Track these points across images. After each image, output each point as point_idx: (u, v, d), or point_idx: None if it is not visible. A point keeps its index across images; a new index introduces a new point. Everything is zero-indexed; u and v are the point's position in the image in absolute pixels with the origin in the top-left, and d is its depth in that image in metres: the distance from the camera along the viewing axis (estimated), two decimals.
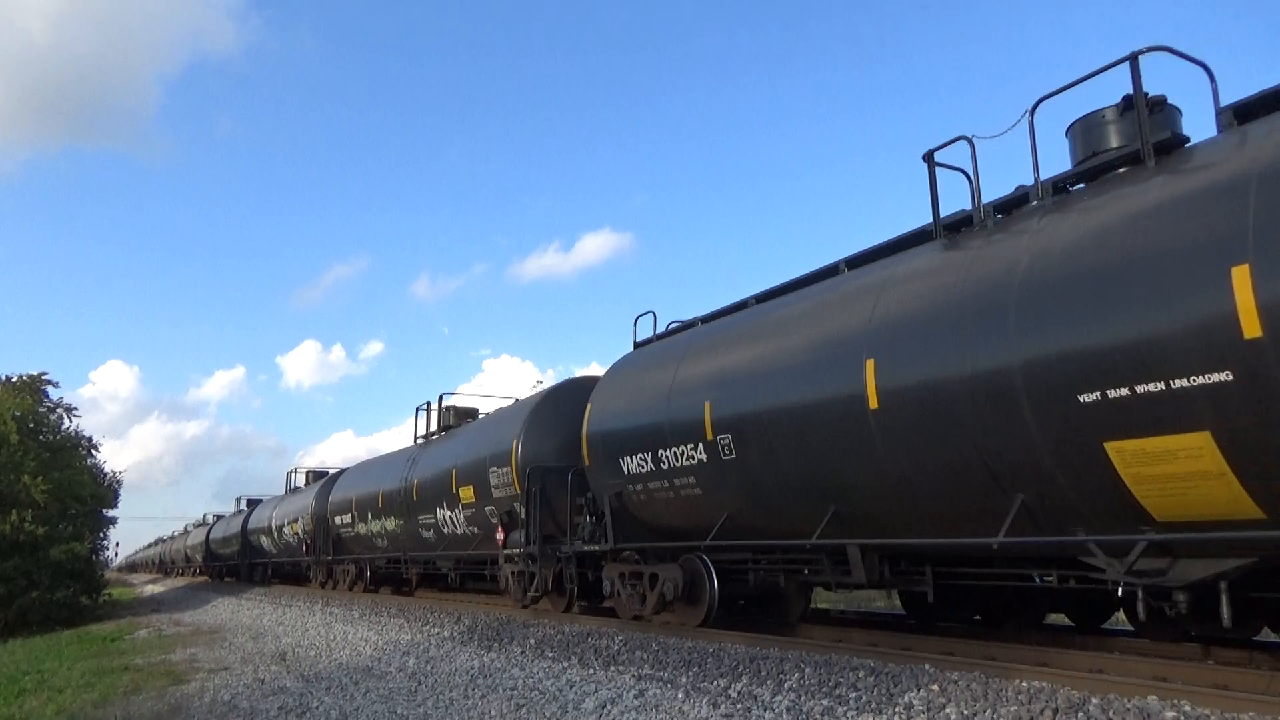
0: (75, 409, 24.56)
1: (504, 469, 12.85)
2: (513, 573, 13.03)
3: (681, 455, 9.16)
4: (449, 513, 15.04)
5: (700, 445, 8.85)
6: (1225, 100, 5.65)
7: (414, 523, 16.82)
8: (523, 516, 12.19)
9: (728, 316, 10.04)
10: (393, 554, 18.89)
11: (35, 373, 23.87)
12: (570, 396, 12.71)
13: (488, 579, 15.97)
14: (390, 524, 18.25)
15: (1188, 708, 4.73)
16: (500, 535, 12.99)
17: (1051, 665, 6.59)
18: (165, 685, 9.61)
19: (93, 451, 25.61)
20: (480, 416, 16.81)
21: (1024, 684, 5.55)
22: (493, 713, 6.60)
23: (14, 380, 23.45)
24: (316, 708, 7.55)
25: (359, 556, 21.37)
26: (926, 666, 6.36)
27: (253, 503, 35.87)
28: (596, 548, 10.91)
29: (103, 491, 25.83)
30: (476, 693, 7.37)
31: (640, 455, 9.80)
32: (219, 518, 42.73)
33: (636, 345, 11.73)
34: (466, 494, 14.19)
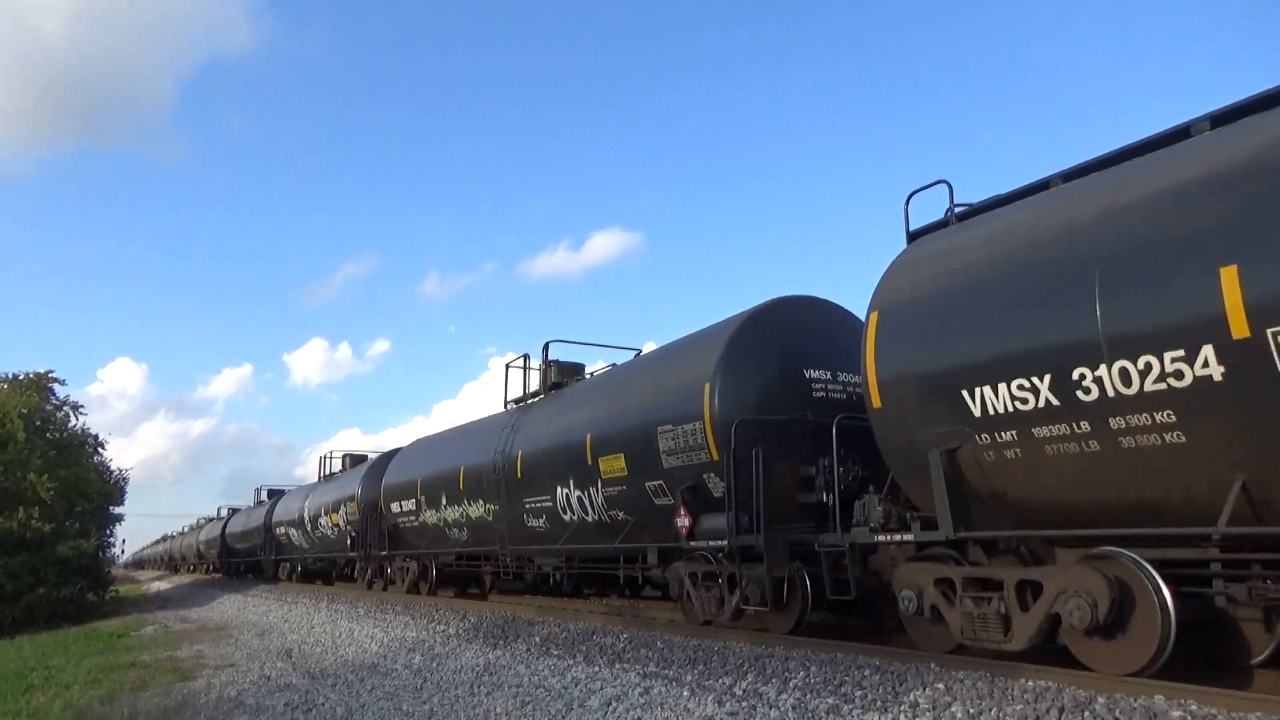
0: (81, 406, 24.74)
1: (687, 426, 9.18)
2: (696, 574, 9.59)
3: (1136, 377, 5.32)
4: (578, 493, 11.36)
5: (1205, 352, 5.04)
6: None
7: (515, 508, 13.16)
8: (723, 492, 8.68)
9: None
10: (479, 548, 14.92)
11: (41, 370, 24.01)
12: (782, 326, 9.32)
13: (623, 580, 12.08)
14: (477, 510, 14.45)
15: (1194, 707, 4.72)
16: (685, 519, 9.19)
17: (1057, 664, 6.57)
18: (172, 682, 9.64)
19: (99, 449, 25.77)
20: (601, 370, 13.25)
21: (1030, 683, 5.55)
22: (498, 710, 6.61)
23: (21, 378, 23.56)
24: (322, 704, 7.57)
25: (423, 552, 17.52)
26: (932, 665, 6.35)
27: (275, 493, 32.97)
28: (909, 537, 7.13)
29: (109, 489, 25.94)
30: (482, 690, 7.38)
31: (1017, 383, 5.97)
32: (235, 510, 40.13)
33: (911, 236, 7.98)
34: (611, 465, 10.52)
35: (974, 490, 6.59)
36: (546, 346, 13.72)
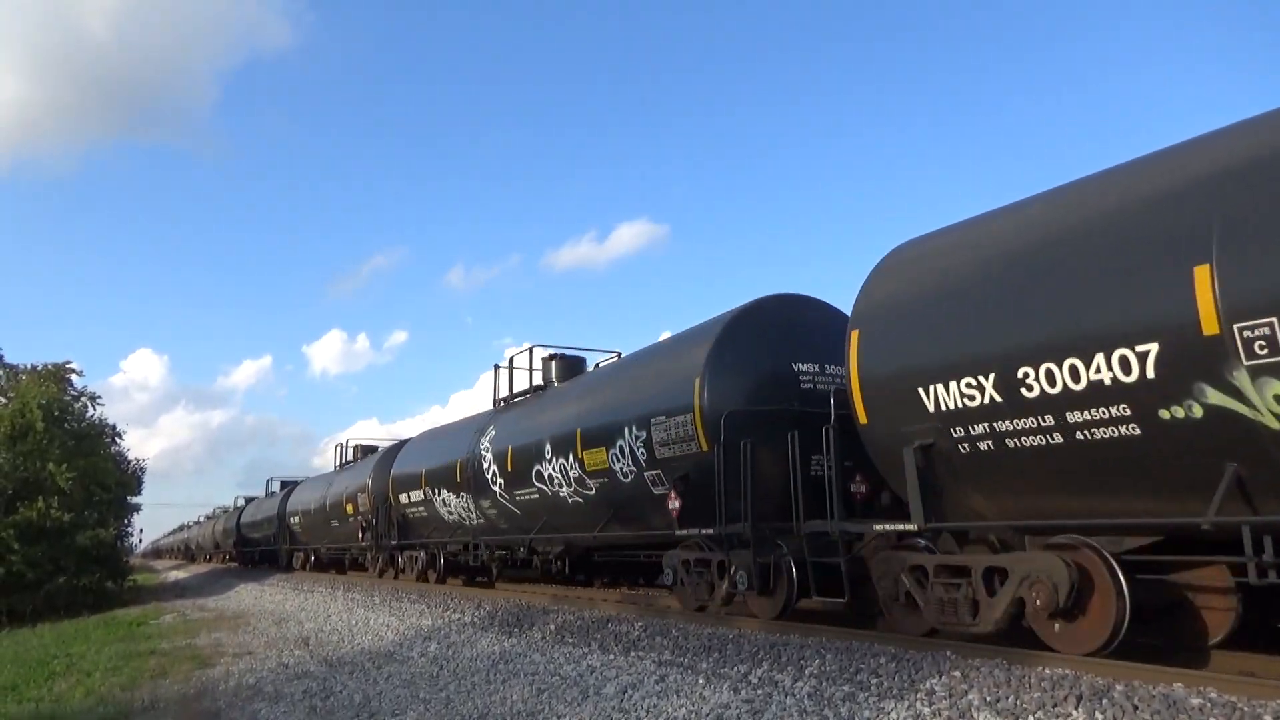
0: (99, 397, 24.90)
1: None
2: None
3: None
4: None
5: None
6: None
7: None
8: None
9: None
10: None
11: (60, 361, 24.20)
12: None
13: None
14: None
15: (1214, 695, 4.69)
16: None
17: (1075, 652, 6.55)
18: (191, 669, 9.75)
19: (116, 439, 25.99)
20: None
21: (1047, 670, 5.53)
22: (514, 697, 6.64)
23: (39, 369, 23.77)
24: (340, 691, 7.64)
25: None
26: (948, 653, 6.34)
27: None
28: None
29: (126, 478, 26.18)
30: (498, 677, 7.42)
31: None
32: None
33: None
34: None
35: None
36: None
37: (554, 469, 12.00)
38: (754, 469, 8.60)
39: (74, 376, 24.38)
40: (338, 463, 26.17)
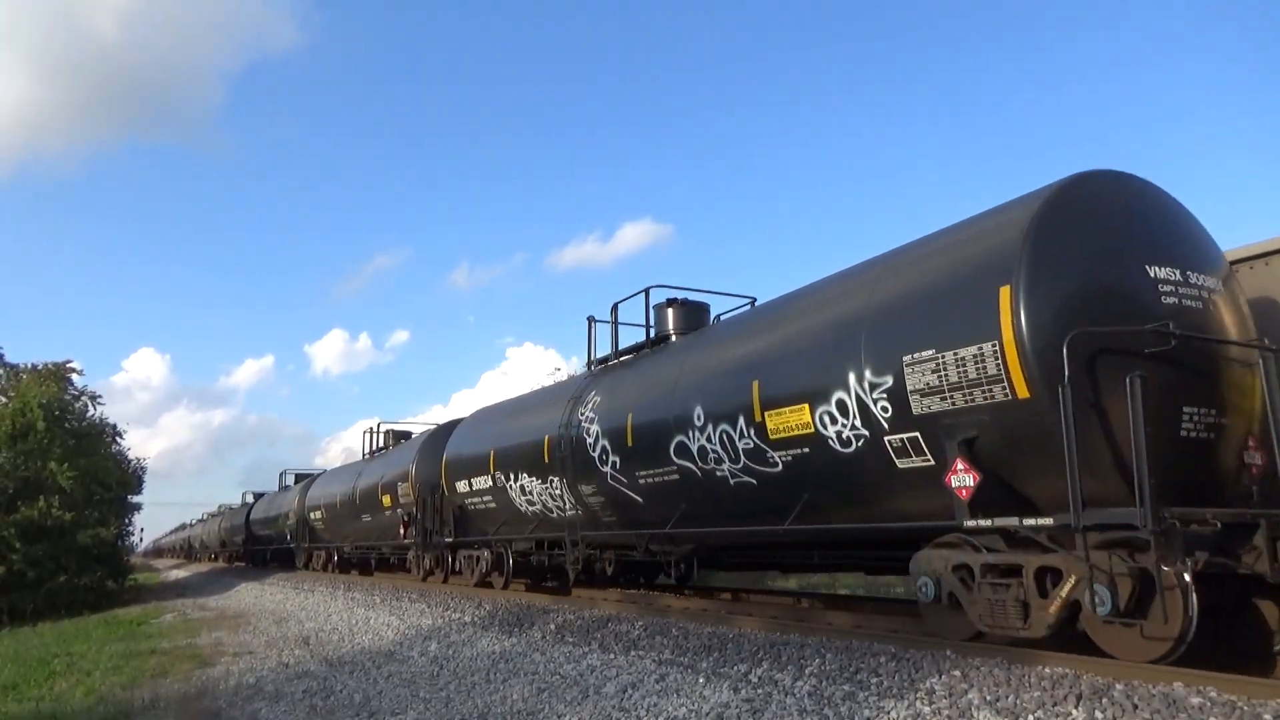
0: (99, 396, 24.95)
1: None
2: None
3: None
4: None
5: None
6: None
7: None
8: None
9: None
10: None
11: (60, 361, 24.24)
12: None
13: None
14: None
15: (1214, 694, 4.68)
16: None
17: (1074, 651, 6.55)
18: (192, 668, 9.76)
19: (117, 438, 26.03)
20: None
21: (1047, 669, 5.52)
22: (514, 697, 6.65)
23: (40, 368, 23.80)
24: (340, 690, 7.64)
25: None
26: (948, 652, 6.33)
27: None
28: None
29: (127, 477, 26.22)
30: (498, 677, 7.42)
31: None
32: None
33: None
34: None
35: None
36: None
37: (707, 440, 8.86)
38: (1140, 420, 5.45)
39: (74, 376, 24.44)
40: (366, 450, 23.16)
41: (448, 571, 16.80)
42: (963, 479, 6.33)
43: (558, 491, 12.12)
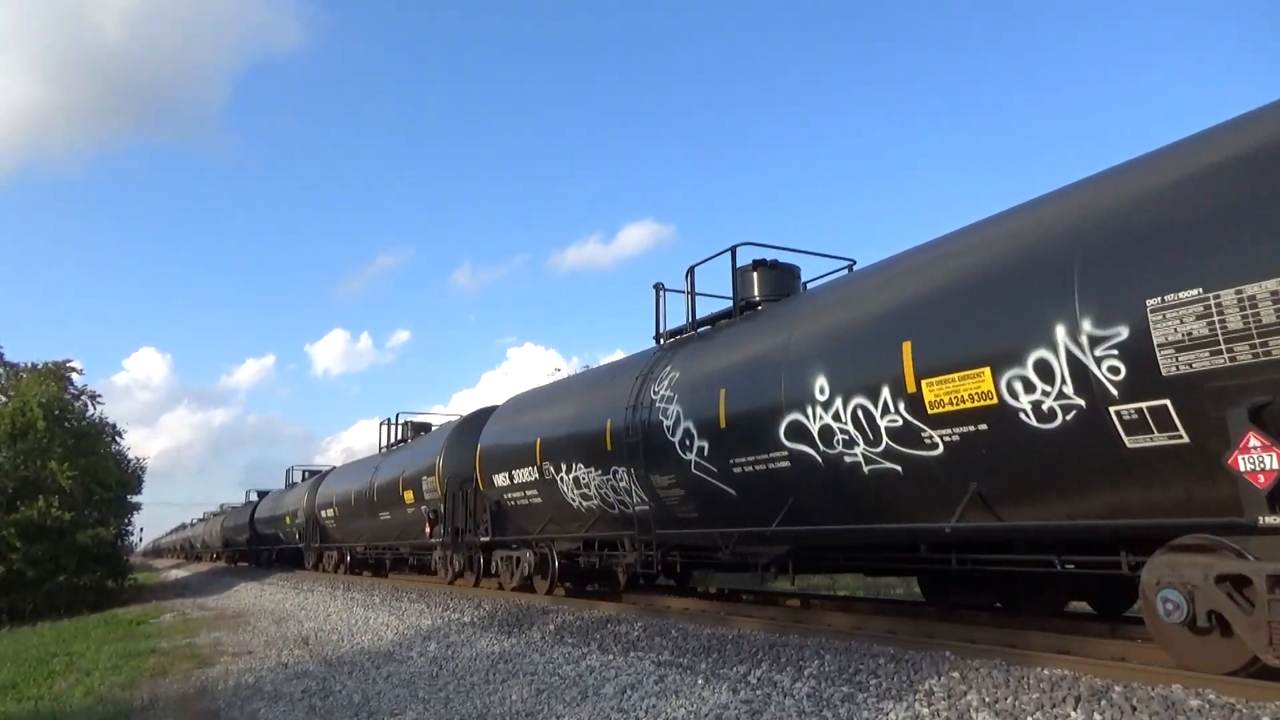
0: (99, 396, 24.96)
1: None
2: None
3: None
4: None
5: None
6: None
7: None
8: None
9: None
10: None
11: (60, 360, 24.24)
12: None
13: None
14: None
15: (1213, 696, 4.68)
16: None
17: (1073, 653, 6.54)
18: (191, 668, 9.76)
19: (116, 438, 26.02)
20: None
21: (1046, 671, 5.53)
22: (514, 697, 6.65)
23: (40, 367, 23.80)
24: (339, 691, 7.64)
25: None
26: (947, 654, 6.33)
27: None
28: None
29: (127, 477, 26.21)
30: (497, 677, 7.42)
31: None
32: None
33: None
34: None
35: None
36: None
37: (834, 418, 7.32)
38: None
39: (74, 375, 24.45)
40: (384, 443, 21.69)
41: (479, 573, 15.24)
42: (1259, 459, 4.69)
43: (623, 484, 10.54)
